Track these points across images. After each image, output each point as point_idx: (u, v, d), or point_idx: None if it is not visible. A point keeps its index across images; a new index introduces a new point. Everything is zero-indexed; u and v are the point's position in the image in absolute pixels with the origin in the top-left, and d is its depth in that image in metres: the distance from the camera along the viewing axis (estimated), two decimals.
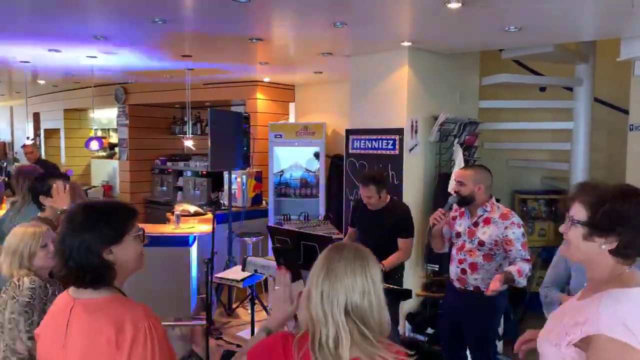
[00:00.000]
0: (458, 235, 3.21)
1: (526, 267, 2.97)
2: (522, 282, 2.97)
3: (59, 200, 2.89)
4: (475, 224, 3.13)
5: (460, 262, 3.18)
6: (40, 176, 3.13)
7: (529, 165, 5.81)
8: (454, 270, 3.24)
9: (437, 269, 4.56)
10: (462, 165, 4.43)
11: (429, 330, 4.37)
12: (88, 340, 1.44)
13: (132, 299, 1.56)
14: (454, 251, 3.25)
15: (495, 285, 2.84)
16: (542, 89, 5.64)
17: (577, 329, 1.41)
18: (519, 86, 5.38)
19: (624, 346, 1.32)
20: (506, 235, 3.03)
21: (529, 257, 3.02)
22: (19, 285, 2.07)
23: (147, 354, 1.41)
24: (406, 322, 4.50)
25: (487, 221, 3.10)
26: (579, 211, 1.48)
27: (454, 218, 3.28)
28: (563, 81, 5.20)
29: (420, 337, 4.40)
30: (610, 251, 1.43)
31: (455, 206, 3.25)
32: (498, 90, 5.41)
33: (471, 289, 3.14)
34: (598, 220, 1.43)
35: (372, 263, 1.45)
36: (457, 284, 3.22)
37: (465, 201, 3.13)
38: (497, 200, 5.30)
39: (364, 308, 1.38)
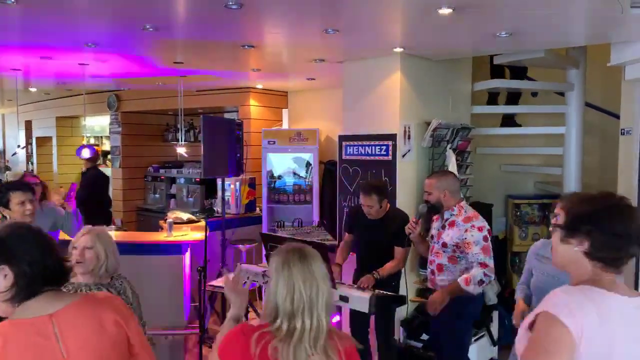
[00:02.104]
0: (432, 238, 3.37)
1: (479, 273, 3.01)
2: (472, 290, 3.03)
3: (13, 213, 2.86)
4: (443, 227, 3.26)
5: (431, 263, 3.33)
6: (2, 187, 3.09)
7: (522, 170, 5.83)
8: (427, 271, 3.41)
9: None
10: (455, 170, 4.45)
11: (424, 336, 4.35)
12: (96, 333, 1.57)
13: None
14: (429, 253, 3.40)
15: (434, 304, 3.07)
16: (534, 94, 5.67)
17: (534, 312, 1.43)
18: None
19: (559, 324, 1.32)
20: (465, 238, 3.10)
21: (486, 262, 3.04)
22: None
23: (136, 321, 1.72)
24: (401, 328, 4.48)
25: (452, 224, 3.21)
26: (559, 216, 1.54)
27: (433, 221, 3.45)
28: (554, 86, 5.23)
29: (416, 344, 4.38)
30: (586, 254, 1.44)
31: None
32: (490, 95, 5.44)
33: (439, 289, 3.23)
34: (568, 222, 1.48)
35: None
36: (429, 285, 3.39)
37: (435, 208, 3.27)
38: (489, 205, 5.33)
39: (329, 299, 1.62)
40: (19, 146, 9.21)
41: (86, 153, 5.67)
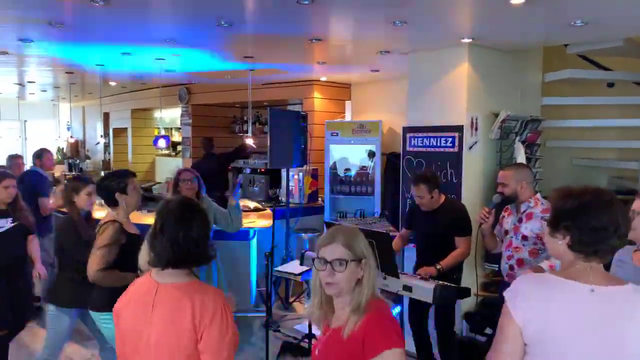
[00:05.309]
0: (506, 232, 3.31)
1: (558, 264, 2.94)
2: None
3: (130, 197, 3.02)
4: (520, 220, 3.21)
5: (509, 258, 3.26)
6: (116, 173, 3.25)
7: (595, 164, 5.58)
8: (503, 266, 3.33)
9: (496, 269, 4.48)
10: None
11: (488, 331, 4.30)
12: (173, 317, 1.68)
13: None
14: (503, 248, 3.34)
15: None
16: (610, 85, 5.40)
17: None
18: (585, 82, 5.18)
19: (507, 310, 1.53)
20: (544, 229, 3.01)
21: None
22: None
23: (223, 327, 1.69)
24: (464, 321, 4.46)
25: (529, 216, 3.17)
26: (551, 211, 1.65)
27: (503, 217, 3.38)
28: (633, 76, 4.97)
29: (479, 338, 4.35)
30: (569, 247, 1.54)
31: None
32: (562, 86, 5.24)
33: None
34: (552, 218, 1.60)
35: None
36: (507, 280, 3.28)
37: (509, 200, 3.24)
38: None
39: None
40: (101, 136, 9.87)
41: (162, 143, 6.03)
